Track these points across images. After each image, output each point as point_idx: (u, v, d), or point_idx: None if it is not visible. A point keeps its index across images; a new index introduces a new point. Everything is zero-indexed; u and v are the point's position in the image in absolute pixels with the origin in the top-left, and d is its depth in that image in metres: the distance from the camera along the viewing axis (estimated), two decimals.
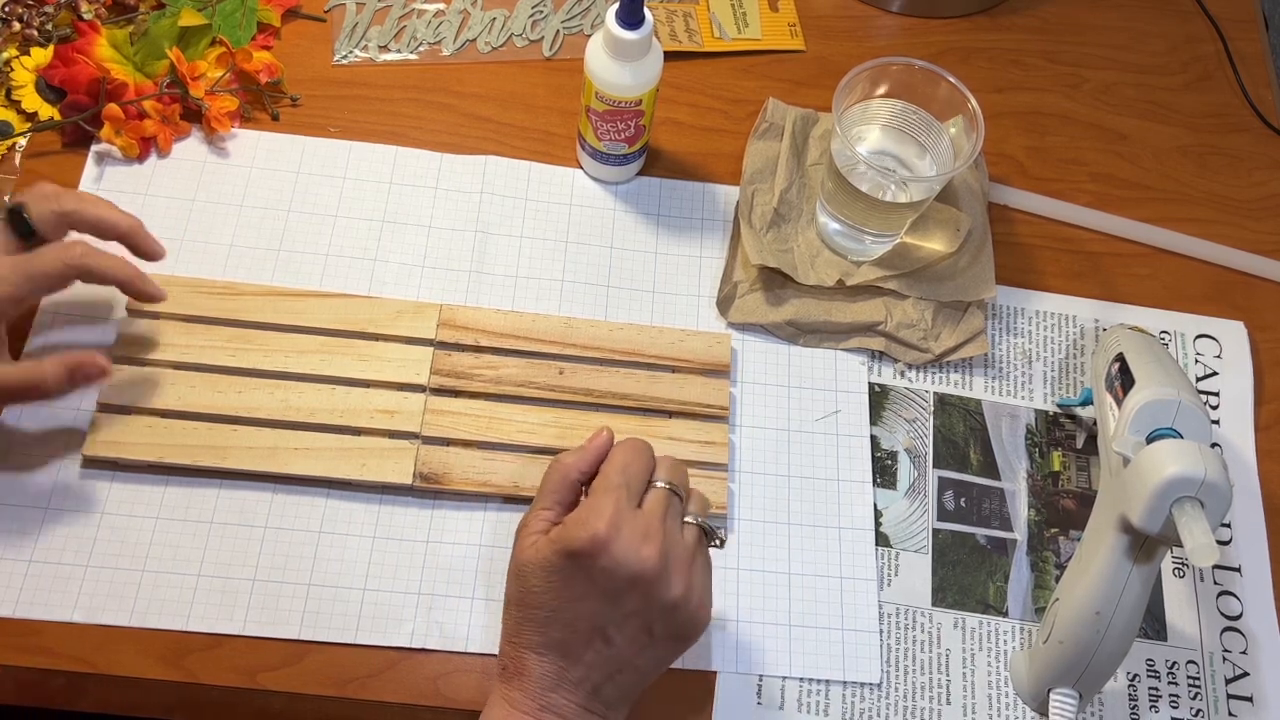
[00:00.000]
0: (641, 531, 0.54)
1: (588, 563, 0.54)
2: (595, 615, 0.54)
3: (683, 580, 0.55)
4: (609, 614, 0.54)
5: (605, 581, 0.54)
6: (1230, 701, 0.67)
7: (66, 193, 0.63)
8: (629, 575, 0.54)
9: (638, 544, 0.54)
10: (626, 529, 0.54)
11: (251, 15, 0.80)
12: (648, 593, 0.54)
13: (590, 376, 0.70)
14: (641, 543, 0.54)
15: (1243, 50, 0.91)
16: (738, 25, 0.87)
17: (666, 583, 0.55)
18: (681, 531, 0.57)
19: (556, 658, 0.55)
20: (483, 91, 0.82)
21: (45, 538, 0.64)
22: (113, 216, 0.63)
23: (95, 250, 0.62)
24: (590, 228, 0.77)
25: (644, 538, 0.54)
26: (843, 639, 0.66)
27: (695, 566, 0.56)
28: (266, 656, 0.63)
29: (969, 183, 0.79)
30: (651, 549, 0.54)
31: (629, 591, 0.54)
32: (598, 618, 0.54)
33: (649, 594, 0.54)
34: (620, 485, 0.56)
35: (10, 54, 0.77)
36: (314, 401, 0.67)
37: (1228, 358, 0.78)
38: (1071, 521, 0.71)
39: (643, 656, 0.56)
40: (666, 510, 0.56)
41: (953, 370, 0.75)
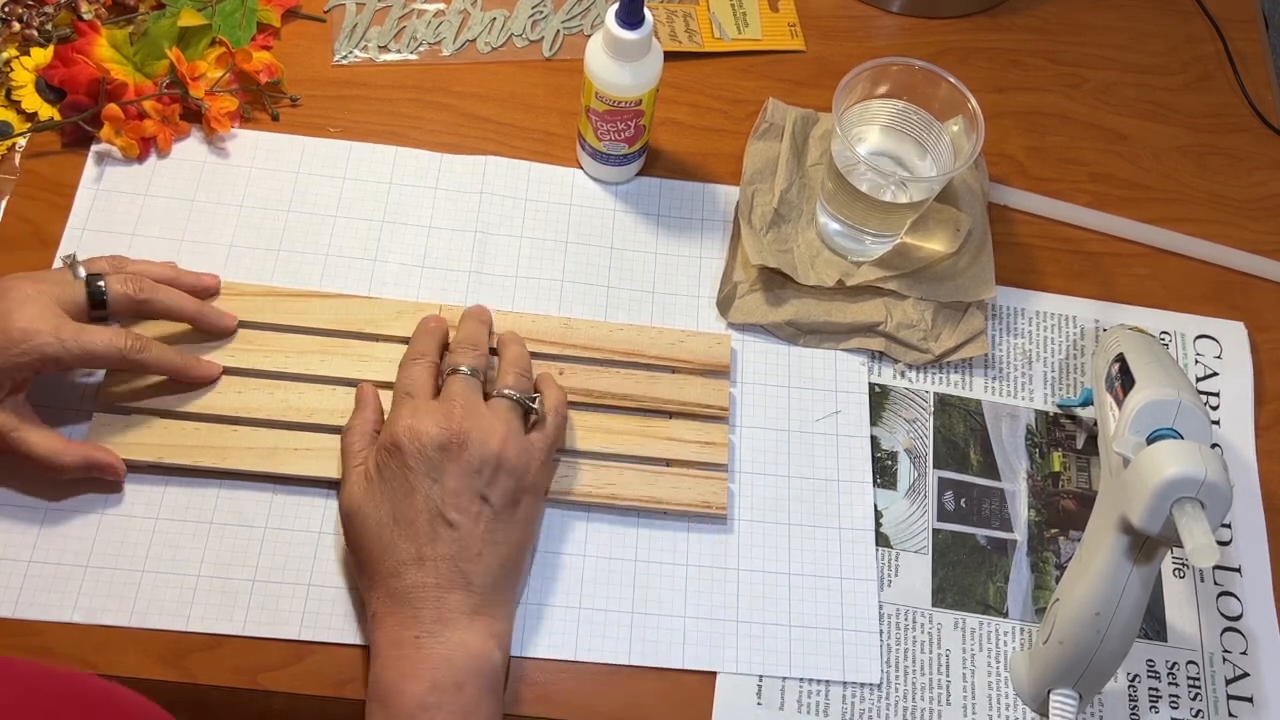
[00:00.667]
0: (437, 411, 0.60)
1: (397, 459, 0.58)
2: (426, 501, 0.58)
3: (494, 438, 0.60)
4: (437, 494, 0.58)
5: (419, 465, 0.58)
6: (1230, 702, 0.67)
7: (145, 281, 0.65)
8: (435, 446, 0.58)
9: (433, 420, 0.59)
10: (422, 415, 0.59)
11: (251, 15, 0.80)
12: (460, 457, 0.59)
13: (590, 377, 0.70)
14: (436, 419, 0.59)
15: (1243, 50, 0.91)
16: (738, 25, 0.87)
17: (476, 441, 0.59)
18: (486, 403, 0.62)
19: (413, 569, 0.57)
20: (483, 91, 0.82)
21: (45, 538, 0.64)
22: (183, 304, 0.67)
23: (149, 345, 0.64)
24: (590, 228, 0.77)
25: (440, 415, 0.60)
26: (843, 639, 0.66)
27: (509, 429, 0.61)
28: (266, 657, 0.63)
29: (969, 183, 0.79)
30: (447, 419, 0.59)
31: (444, 464, 0.58)
32: (429, 502, 0.58)
33: (462, 458, 0.59)
34: (404, 393, 0.62)
35: (10, 54, 0.77)
36: (314, 402, 0.67)
37: (1228, 358, 0.78)
38: (1072, 522, 0.71)
39: (493, 530, 0.59)
40: (464, 390, 0.61)
41: (953, 371, 0.75)
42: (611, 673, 0.64)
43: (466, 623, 0.57)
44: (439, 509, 0.58)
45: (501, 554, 0.60)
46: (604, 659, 0.64)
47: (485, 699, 0.57)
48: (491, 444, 0.60)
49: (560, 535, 0.67)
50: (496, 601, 0.59)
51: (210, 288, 0.70)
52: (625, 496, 0.67)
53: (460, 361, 0.64)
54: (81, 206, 0.73)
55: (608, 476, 0.68)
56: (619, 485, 0.67)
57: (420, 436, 0.59)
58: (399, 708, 0.55)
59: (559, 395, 0.66)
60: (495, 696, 0.58)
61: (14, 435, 0.61)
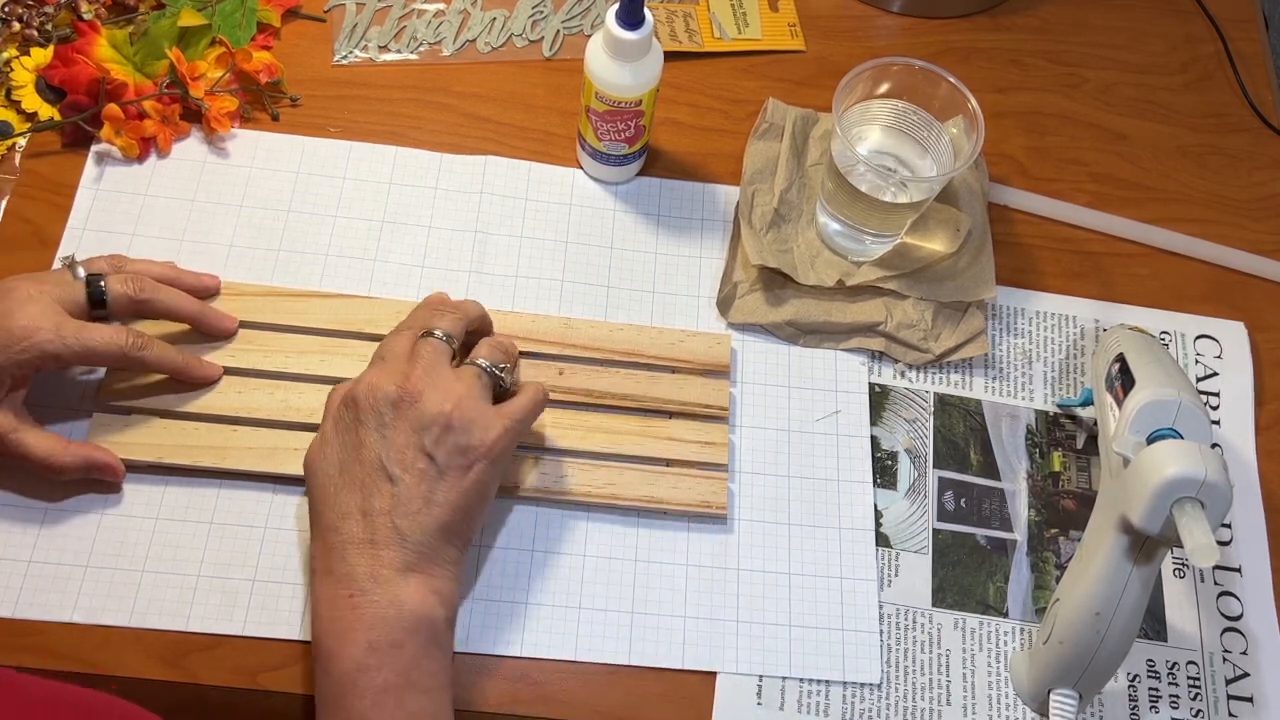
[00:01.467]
0: (398, 370, 0.60)
1: (351, 412, 0.59)
2: (372, 455, 0.58)
3: (449, 399, 0.59)
4: (383, 448, 0.58)
5: (370, 419, 0.58)
6: (1230, 702, 0.67)
7: (145, 280, 0.65)
8: (388, 401, 0.58)
9: (391, 378, 0.59)
10: (383, 373, 0.60)
11: (251, 15, 0.80)
12: (409, 413, 0.58)
13: (590, 377, 0.70)
14: (395, 377, 0.59)
15: (1243, 50, 0.91)
16: (738, 25, 0.87)
17: (429, 400, 0.59)
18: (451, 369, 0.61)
19: (351, 524, 0.57)
20: (483, 91, 0.82)
21: (45, 538, 0.64)
22: (183, 304, 0.66)
23: (150, 344, 0.64)
24: (590, 228, 0.77)
25: (399, 374, 0.60)
26: (843, 639, 0.66)
27: (467, 392, 0.60)
28: (266, 657, 0.63)
29: (969, 183, 0.79)
30: (405, 378, 0.59)
31: (395, 420, 0.58)
32: (375, 456, 0.58)
33: (411, 413, 0.58)
34: (378, 356, 0.62)
35: (10, 54, 0.77)
36: (314, 402, 0.67)
37: (1228, 358, 0.78)
38: (1072, 522, 0.71)
39: (437, 489, 0.58)
40: (430, 352, 0.61)
41: (953, 370, 0.75)
42: (611, 673, 0.64)
43: (401, 580, 0.56)
44: (382, 463, 0.58)
45: (440, 515, 0.58)
46: (604, 659, 0.64)
47: (426, 655, 0.56)
48: (445, 404, 0.59)
49: (560, 535, 0.67)
50: (434, 560, 0.58)
51: (210, 288, 0.70)
52: (625, 496, 0.67)
53: (436, 325, 0.63)
54: (81, 206, 0.74)
55: (608, 476, 0.68)
56: (619, 485, 0.67)
57: (375, 391, 0.59)
58: (338, 671, 0.54)
59: (536, 384, 0.64)
60: (439, 651, 0.57)
61: (13, 436, 0.61)
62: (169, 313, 0.66)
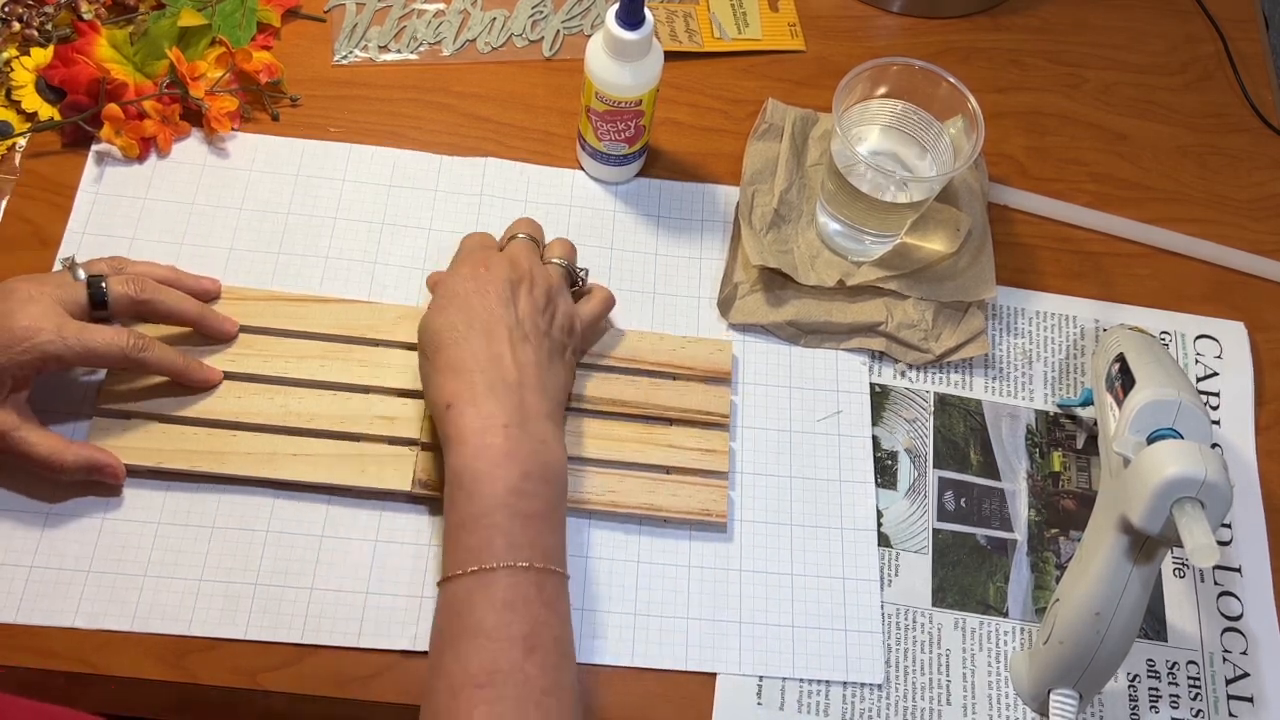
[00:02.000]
0: (511, 259, 0.66)
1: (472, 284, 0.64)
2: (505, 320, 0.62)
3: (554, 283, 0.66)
4: (512, 316, 0.63)
5: (494, 289, 0.63)
6: (1230, 702, 0.67)
7: (146, 281, 0.65)
8: (508, 280, 0.64)
9: (506, 262, 0.66)
10: (493, 259, 0.66)
11: (251, 15, 0.80)
12: (531, 292, 0.64)
13: (590, 383, 0.70)
14: (514, 264, 0.66)
15: (1243, 50, 0.91)
16: (738, 25, 0.87)
17: (540, 282, 0.66)
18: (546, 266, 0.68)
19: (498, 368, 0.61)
20: (482, 92, 0.82)
21: (47, 543, 0.64)
22: (184, 306, 0.67)
23: (151, 345, 0.64)
24: (590, 229, 0.77)
25: (507, 261, 0.66)
26: (845, 639, 0.66)
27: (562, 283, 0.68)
28: (267, 657, 0.63)
29: (969, 183, 0.79)
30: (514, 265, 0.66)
31: (516, 295, 0.64)
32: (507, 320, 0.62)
33: (532, 293, 0.65)
34: (476, 246, 0.69)
35: (10, 54, 0.77)
36: (314, 407, 0.67)
37: (1228, 358, 0.78)
38: (1072, 522, 0.71)
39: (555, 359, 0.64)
40: (523, 246, 0.68)
41: (953, 370, 0.75)
42: (612, 673, 0.64)
43: (548, 424, 0.61)
44: (517, 324, 0.63)
45: (560, 381, 0.65)
46: (605, 660, 0.64)
47: (561, 502, 0.60)
48: (552, 286, 0.66)
49: None
50: (558, 422, 0.63)
51: (211, 291, 0.70)
52: (626, 504, 0.67)
53: (518, 229, 0.70)
54: (81, 209, 0.73)
55: (608, 483, 0.67)
56: (620, 493, 0.67)
57: (493, 268, 0.64)
58: (489, 493, 0.57)
59: (604, 288, 0.71)
60: (565, 506, 0.61)
61: (15, 435, 0.61)
62: (170, 314, 0.66)
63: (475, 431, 0.58)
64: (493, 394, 0.60)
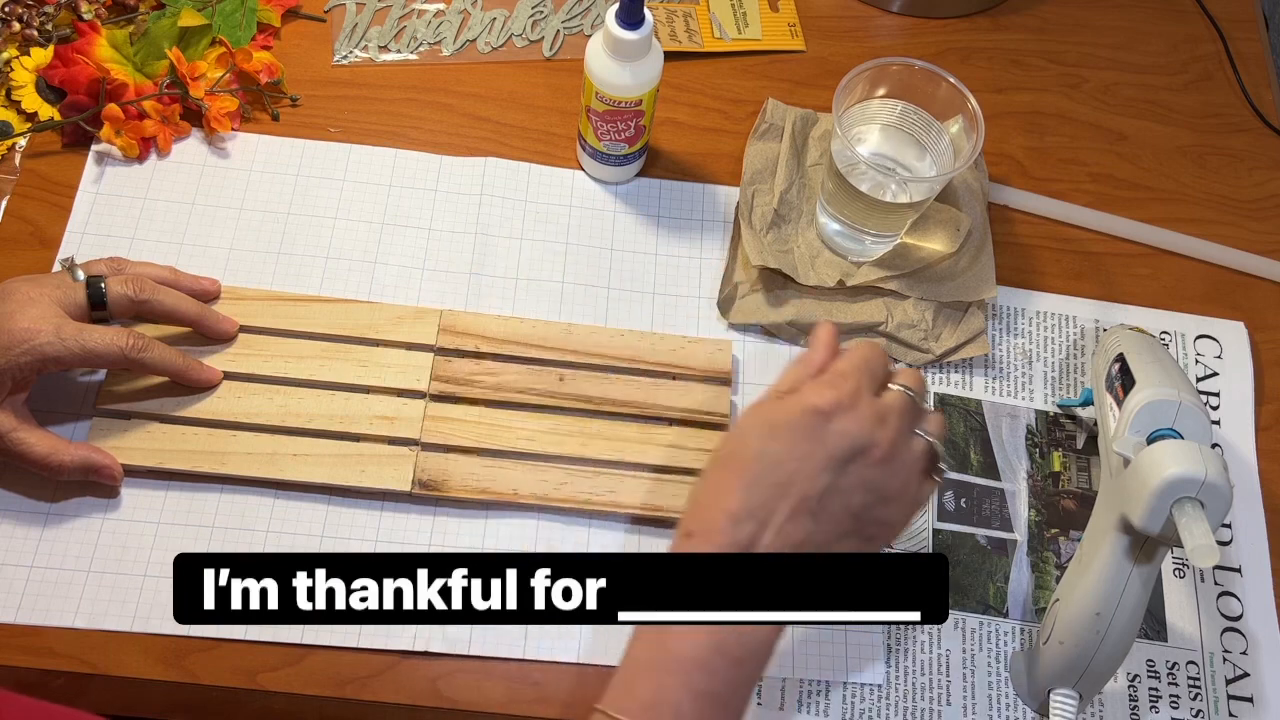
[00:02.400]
0: (879, 413, 0.54)
1: (823, 422, 0.53)
2: (812, 479, 0.52)
3: (904, 478, 0.55)
4: (826, 481, 0.53)
5: (835, 445, 0.53)
6: (1230, 702, 0.67)
7: (145, 281, 0.65)
8: (861, 446, 0.53)
9: (875, 422, 0.54)
10: (866, 404, 0.54)
11: (251, 15, 0.80)
12: (869, 475, 0.53)
13: (591, 383, 0.70)
14: (878, 423, 0.54)
15: (1243, 50, 0.91)
16: (738, 25, 0.87)
17: (891, 470, 0.54)
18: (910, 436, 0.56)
19: (752, 525, 0.52)
20: (483, 92, 0.82)
21: (47, 543, 0.64)
22: (183, 307, 0.66)
23: (150, 345, 0.64)
24: (590, 229, 0.77)
25: (881, 420, 0.54)
26: (845, 639, 0.66)
27: (915, 473, 0.56)
28: (266, 657, 0.63)
29: (969, 183, 0.79)
30: (887, 431, 0.54)
31: (854, 463, 0.53)
32: (813, 483, 0.52)
33: (870, 475, 0.53)
34: (862, 369, 0.56)
35: (10, 54, 0.77)
36: (313, 407, 0.67)
37: (1228, 358, 0.78)
38: (1072, 522, 0.71)
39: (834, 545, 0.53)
40: (904, 409, 0.56)
41: (953, 370, 0.75)
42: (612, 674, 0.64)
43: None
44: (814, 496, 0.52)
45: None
46: (605, 660, 0.64)
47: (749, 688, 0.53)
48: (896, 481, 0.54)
49: (563, 539, 0.67)
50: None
51: (210, 291, 0.70)
52: (626, 504, 0.67)
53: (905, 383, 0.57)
54: (81, 209, 0.73)
55: (609, 483, 0.67)
56: (620, 493, 0.67)
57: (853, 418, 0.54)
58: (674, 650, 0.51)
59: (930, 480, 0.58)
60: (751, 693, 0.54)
61: (12, 435, 0.61)
62: (169, 314, 0.66)
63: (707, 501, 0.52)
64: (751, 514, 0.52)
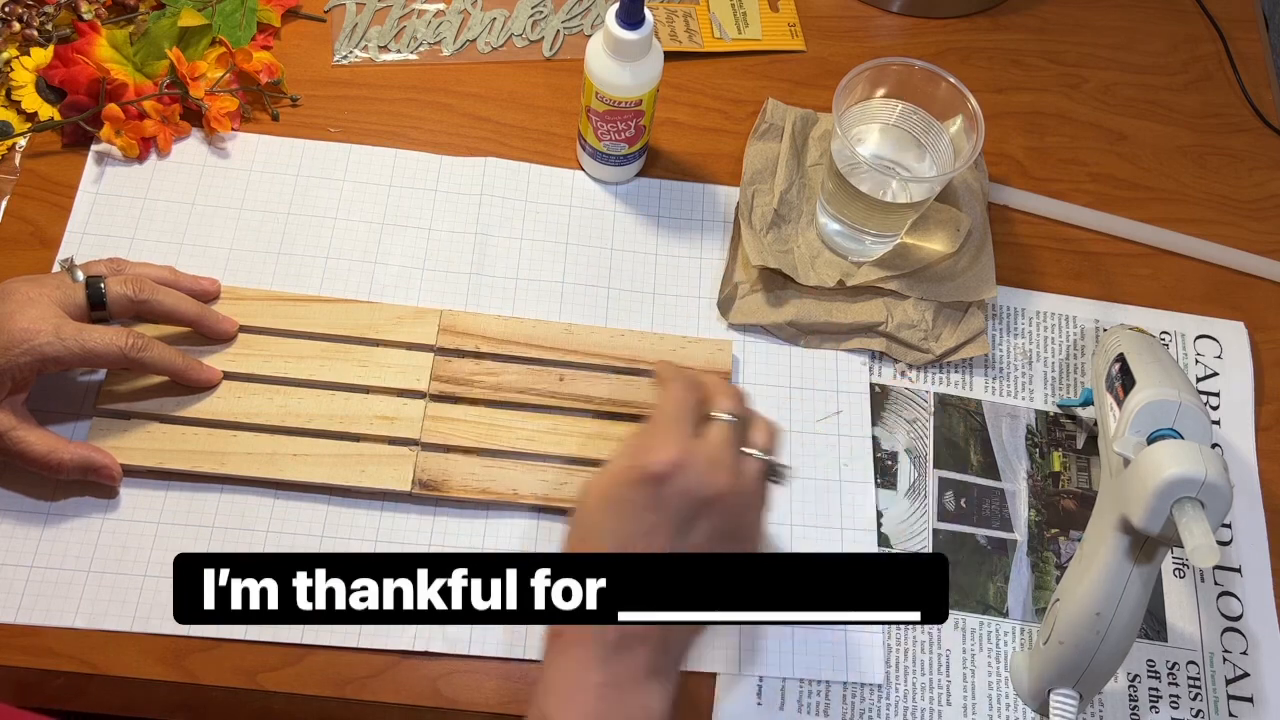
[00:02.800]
0: (710, 458, 0.53)
1: (659, 490, 0.52)
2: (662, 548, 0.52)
3: (745, 504, 0.54)
4: (675, 545, 0.52)
5: (676, 507, 0.52)
6: (1231, 702, 0.67)
7: (144, 282, 0.65)
8: (702, 500, 0.52)
9: (709, 469, 0.53)
10: (699, 454, 0.53)
11: (251, 15, 0.80)
12: (715, 522, 0.53)
13: (591, 383, 0.70)
14: (711, 469, 0.53)
15: (1243, 50, 0.91)
16: (738, 25, 0.87)
17: (733, 508, 0.53)
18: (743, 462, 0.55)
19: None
20: (483, 92, 0.82)
21: (47, 543, 0.64)
22: (183, 307, 0.66)
23: (150, 344, 0.64)
24: (590, 229, 0.77)
25: (713, 465, 0.53)
26: (845, 639, 0.66)
27: (757, 496, 0.55)
28: (266, 657, 0.63)
29: (969, 183, 0.79)
30: (723, 475, 0.53)
31: (698, 519, 0.52)
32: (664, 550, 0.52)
33: (716, 522, 0.53)
34: (679, 417, 0.54)
35: (10, 54, 0.77)
36: (313, 407, 0.67)
37: (1228, 358, 0.78)
38: (1072, 522, 0.71)
39: None
40: (730, 440, 0.55)
41: (953, 370, 0.75)
42: None
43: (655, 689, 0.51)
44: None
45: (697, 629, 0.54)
46: None
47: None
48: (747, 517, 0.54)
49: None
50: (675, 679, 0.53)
51: (210, 291, 0.70)
52: None
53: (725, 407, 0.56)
54: (81, 209, 0.73)
55: None
56: None
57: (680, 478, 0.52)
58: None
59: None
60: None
61: (13, 434, 0.61)
62: (169, 314, 0.66)
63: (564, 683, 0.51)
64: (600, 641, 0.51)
